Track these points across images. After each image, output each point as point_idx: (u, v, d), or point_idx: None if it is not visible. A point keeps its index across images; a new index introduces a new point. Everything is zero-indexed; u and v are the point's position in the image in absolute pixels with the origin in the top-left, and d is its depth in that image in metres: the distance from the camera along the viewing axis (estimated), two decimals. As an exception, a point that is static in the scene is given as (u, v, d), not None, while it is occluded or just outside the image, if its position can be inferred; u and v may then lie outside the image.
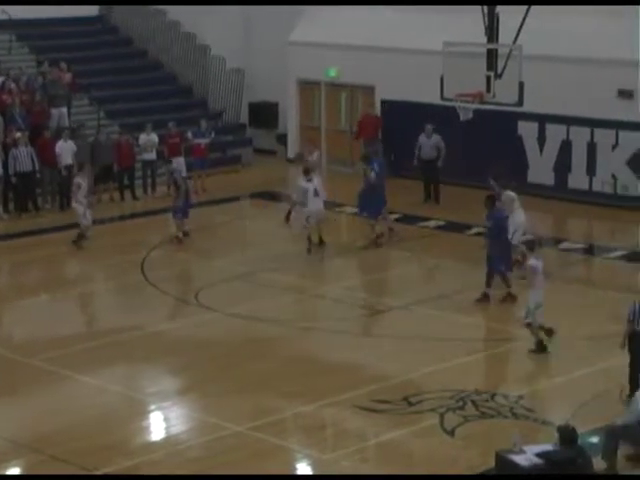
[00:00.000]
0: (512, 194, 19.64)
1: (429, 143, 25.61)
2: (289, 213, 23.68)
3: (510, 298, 18.49)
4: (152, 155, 26.88)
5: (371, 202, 22.08)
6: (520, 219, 19.53)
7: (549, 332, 16.46)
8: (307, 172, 22.10)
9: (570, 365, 15.74)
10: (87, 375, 15.80)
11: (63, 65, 27.52)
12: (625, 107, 24.34)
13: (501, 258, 18.45)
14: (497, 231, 18.53)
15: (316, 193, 21.70)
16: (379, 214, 22.11)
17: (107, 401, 15.04)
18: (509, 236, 19.03)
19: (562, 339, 16.87)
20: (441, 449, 13.40)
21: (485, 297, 18.52)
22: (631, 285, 19.85)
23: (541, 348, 16.26)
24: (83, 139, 26.08)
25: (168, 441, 13.99)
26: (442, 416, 14.15)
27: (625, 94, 24.36)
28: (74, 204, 22.58)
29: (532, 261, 16.20)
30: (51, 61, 28.05)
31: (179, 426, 14.44)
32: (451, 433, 13.75)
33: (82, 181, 22.36)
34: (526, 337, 16.67)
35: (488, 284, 18.52)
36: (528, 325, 16.32)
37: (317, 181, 21.92)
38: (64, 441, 13.68)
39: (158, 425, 14.69)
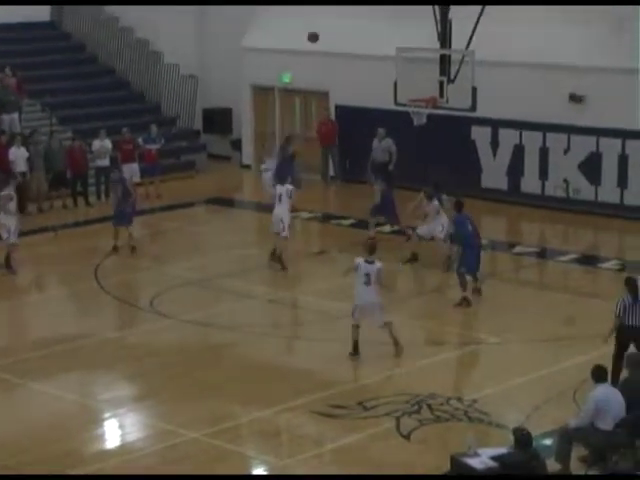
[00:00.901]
0: (438, 205, 20.44)
1: (380, 147, 25.68)
2: None
3: (465, 302, 18.58)
4: (105, 161, 26.71)
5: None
6: (445, 220, 20.31)
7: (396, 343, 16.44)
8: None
9: (524, 368, 15.81)
10: (40, 383, 15.67)
11: (8, 71, 27.31)
12: (576, 112, 24.57)
13: (471, 260, 18.63)
14: (462, 235, 18.81)
15: (280, 199, 20.71)
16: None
17: (61, 409, 14.92)
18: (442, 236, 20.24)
19: (516, 342, 16.98)
20: (398, 453, 13.43)
21: (464, 300, 18.56)
22: (583, 288, 20.04)
23: (354, 350, 16.31)
24: (37, 145, 25.89)
25: (123, 448, 13.91)
26: (398, 420, 14.18)
27: (576, 99, 24.58)
28: (3, 217, 20.71)
29: (357, 259, 16.47)
30: (1, 67, 27.81)
31: (134, 433, 14.36)
32: (407, 437, 13.79)
33: (14, 193, 21.44)
34: (483, 341, 16.75)
35: (464, 287, 18.59)
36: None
37: (286, 188, 20.81)
38: (17, 450, 13.54)
39: (113, 433, 14.59)
